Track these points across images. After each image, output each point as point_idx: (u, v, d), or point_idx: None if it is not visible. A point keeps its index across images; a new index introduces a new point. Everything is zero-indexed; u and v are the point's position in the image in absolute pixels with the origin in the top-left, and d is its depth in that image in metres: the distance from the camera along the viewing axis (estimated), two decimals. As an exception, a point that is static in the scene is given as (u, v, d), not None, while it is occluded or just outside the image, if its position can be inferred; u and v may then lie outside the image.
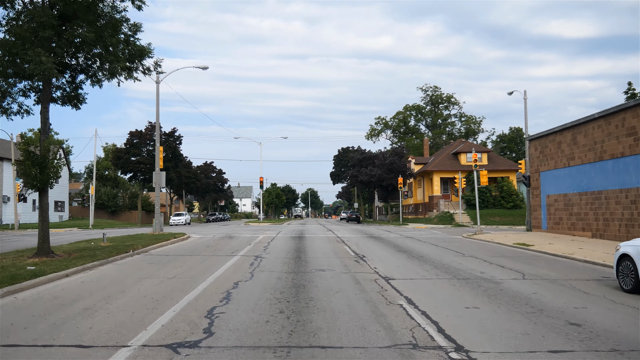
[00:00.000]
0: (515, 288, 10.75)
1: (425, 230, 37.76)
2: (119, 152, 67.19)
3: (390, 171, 55.21)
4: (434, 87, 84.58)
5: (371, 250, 19.33)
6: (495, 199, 54.40)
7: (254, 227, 43.61)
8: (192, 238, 26.29)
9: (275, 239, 25.29)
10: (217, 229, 41.56)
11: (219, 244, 22.51)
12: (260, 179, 52.11)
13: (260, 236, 27.83)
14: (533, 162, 29.19)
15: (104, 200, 76.86)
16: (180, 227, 45.20)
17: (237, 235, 29.59)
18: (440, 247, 21.27)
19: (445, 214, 52.67)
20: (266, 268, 13.83)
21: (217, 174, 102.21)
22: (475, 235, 27.89)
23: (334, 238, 26.61)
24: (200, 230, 36.93)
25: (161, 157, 27.85)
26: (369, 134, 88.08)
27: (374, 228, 42.50)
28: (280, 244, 22.07)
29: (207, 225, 59.49)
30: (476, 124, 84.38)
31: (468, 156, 56.51)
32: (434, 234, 31.23)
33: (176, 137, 70.47)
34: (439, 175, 55.82)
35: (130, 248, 17.84)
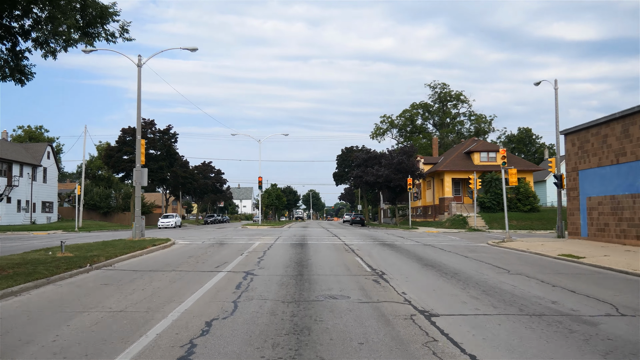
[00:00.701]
0: (628, 335, 7.11)
1: (441, 235, 34.11)
2: (110, 151, 63.70)
3: (398, 171, 51.56)
4: (443, 84, 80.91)
5: (390, 264, 15.68)
6: (511, 201, 50.65)
7: (251, 231, 39.99)
8: (176, 245, 22.66)
9: (273, 247, 21.66)
10: (211, 232, 37.93)
11: (205, 253, 18.89)
12: (259, 178, 48.48)
13: (256, 243, 24.20)
14: (569, 159, 25.52)
15: (96, 201, 73.31)
16: (169, 231, 41.50)
17: (229, 241, 25.97)
18: (471, 259, 17.61)
19: (458, 217, 49.01)
20: (257, 293, 10.21)
21: (215, 174, 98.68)
22: (504, 242, 24.23)
23: (341, 245, 22.98)
24: (190, 235, 33.31)
25: (143, 152, 24.26)
26: (374, 133, 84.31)
27: (383, 233, 38.85)
28: (278, 254, 18.44)
29: (201, 228, 55.85)
30: (486, 123, 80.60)
31: (482, 155, 52.88)
32: (452, 241, 27.58)
33: (171, 134, 66.94)
34: (450, 175, 52.17)
35: (90, 260, 14.23)
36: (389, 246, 22.88)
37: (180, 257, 17.49)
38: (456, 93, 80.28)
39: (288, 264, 15.21)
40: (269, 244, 23.27)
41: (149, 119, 65.36)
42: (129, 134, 64.20)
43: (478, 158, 52.70)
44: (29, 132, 79.71)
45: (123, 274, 13.16)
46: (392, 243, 25.00)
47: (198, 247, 21.86)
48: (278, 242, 25.11)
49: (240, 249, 20.77)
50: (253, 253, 18.83)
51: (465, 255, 18.65)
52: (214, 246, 22.20)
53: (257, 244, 23.18)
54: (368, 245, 23.10)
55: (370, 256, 18.02)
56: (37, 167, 59.89)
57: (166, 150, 65.98)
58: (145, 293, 10.20)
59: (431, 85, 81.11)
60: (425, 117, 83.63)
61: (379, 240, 27.09)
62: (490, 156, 52.75)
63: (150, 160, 65.05)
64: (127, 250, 17.70)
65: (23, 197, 57.04)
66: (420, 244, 24.71)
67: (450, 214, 50.93)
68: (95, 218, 73.20)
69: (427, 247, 22.67)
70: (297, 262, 15.71)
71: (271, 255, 17.91)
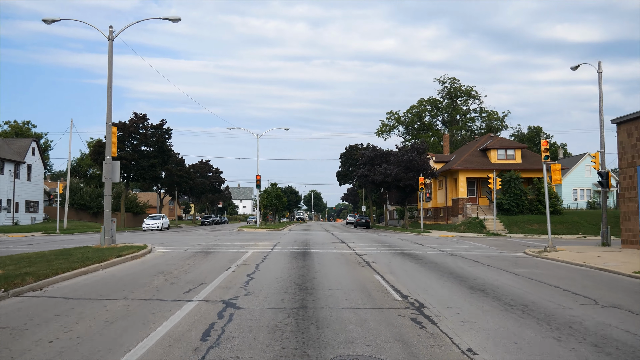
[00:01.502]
0: None
1: (462, 241, 30.04)
2: (99, 147, 59.62)
3: (408, 169, 47.47)
4: (452, 79, 76.56)
5: (423, 286, 11.66)
6: (532, 203, 46.64)
7: (247, 235, 35.95)
8: (150, 255, 18.63)
9: (268, 258, 17.63)
10: (201, 237, 33.88)
11: (182, 267, 14.87)
12: (257, 177, 44.35)
13: (250, 251, 20.17)
14: (624, 152, 21.47)
15: (86, 201, 69.50)
16: (153, 235, 37.31)
17: (218, 248, 21.94)
18: (525, 277, 13.54)
19: (474, 220, 44.93)
20: (232, 352, 6.18)
21: (213, 173, 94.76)
22: (547, 252, 20.18)
23: (352, 256, 18.95)
24: (175, 240, 29.28)
25: (114, 142, 20.19)
26: (380, 130, 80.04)
27: (394, 237, 34.80)
28: (274, 270, 14.41)
29: (194, 230, 51.74)
30: (498, 120, 76.31)
31: (499, 153, 48.76)
32: (480, 249, 23.54)
33: (165, 130, 62.92)
34: (465, 174, 48.07)
35: (13, 282, 10.23)
36: (410, 257, 18.84)
37: (146, 273, 13.47)
38: (467, 88, 76.07)
39: (286, 287, 11.18)
40: (265, 253, 19.25)
41: (140, 114, 61.38)
42: (119, 129, 60.22)
43: (495, 156, 48.56)
44: (16, 127, 75.69)
45: (47, 304, 9.14)
46: (411, 252, 20.95)
47: (176, 257, 17.83)
48: (276, 250, 21.07)
49: (229, 260, 16.76)
50: (242, 267, 14.80)
51: (513, 272, 14.59)
52: (196, 256, 18.16)
53: (250, 254, 19.14)
54: (384, 256, 19.07)
55: (393, 273, 13.98)
56: (20, 163, 55.93)
57: (159, 147, 61.99)
58: (48, 350, 6.17)
59: (440, 79, 76.92)
60: (434, 114, 79.36)
61: (394, 248, 23.04)
62: (508, 154, 48.65)
63: (142, 157, 61.20)
64: (81, 263, 13.68)
65: (4, 196, 53.08)
66: (446, 253, 20.65)
67: (465, 216, 46.86)
68: (85, 218, 69.30)
69: (457, 258, 18.62)
70: (299, 284, 11.69)
71: (265, 272, 13.88)
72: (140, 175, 61.45)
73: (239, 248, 21.99)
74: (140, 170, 60.49)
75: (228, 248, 22.01)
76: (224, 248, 21.98)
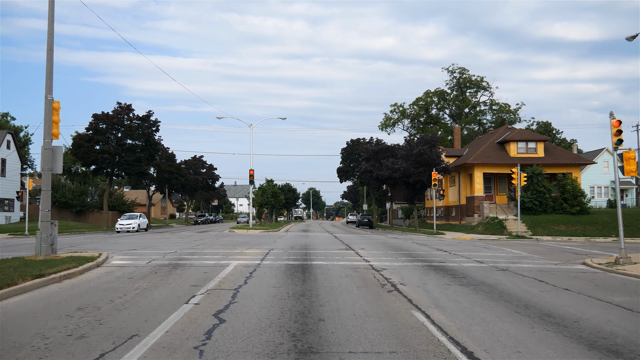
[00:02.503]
0: None
1: (490, 246, 25.31)
2: (80, 139, 54.76)
3: (418, 164, 42.67)
4: (462, 69, 71.57)
5: (501, 337, 6.90)
6: (556, 201, 41.92)
7: (237, 238, 31.18)
8: (97, 271, 13.82)
9: (255, 276, 12.87)
10: (183, 239, 29.08)
11: (125, 294, 10.11)
12: (250, 171, 39.40)
13: (233, 264, 15.41)
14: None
15: (68, 199, 64.55)
16: (127, 237, 32.42)
17: (194, 259, 17.15)
18: (627, 310, 8.81)
19: (492, 220, 40.19)
20: None
21: (207, 169, 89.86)
22: (622, 265, 15.46)
23: (367, 271, 14.20)
24: (146, 245, 24.43)
25: (56, 120, 15.38)
26: (384, 124, 75.08)
27: (407, 240, 30.05)
28: (259, 301, 9.64)
29: (180, 231, 46.83)
30: (509, 112, 71.39)
31: (519, 146, 43.98)
32: (523, 258, 18.82)
33: (152, 122, 58.03)
34: (481, 170, 43.28)
35: None
36: (446, 273, 14.10)
37: (55, 311, 8.70)
38: (476, 79, 71.16)
39: (275, 346, 6.41)
40: (251, 268, 14.49)
41: (125, 104, 56.48)
42: (102, 121, 55.41)
43: (515, 149, 43.75)
44: None
45: None
46: (442, 264, 16.20)
47: (129, 275, 13.05)
48: (267, 262, 16.30)
49: (199, 280, 12.02)
50: (213, 296, 10.05)
51: (616, 304, 9.84)
52: (158, 273, 13.39)
53: (232, 268, 14.38)
54: (411, 271, 14.32)
55: (440, 307, 9.21)
56: (-9, 157, 51.10)
57: (145, 140, 57.12)
58: None
59: (449, 69, 71.85)
60: (442, 106, 74.38)
61: (417, 258, 18.28)
62: (529, 147, 43.86)
63: (126, 151, 56.33)
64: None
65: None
66: (488, 266, 15.91)
67: (482, 216, 42.12)
68: (67, 218, 64.44)
69: (509, 274, 13.88)
70: (296, 336, 6.92)
71: (245, 306, 9.10)
72: (125, 170, 56.59)
73: (220, 258, 17.21)
74: (125, 165, 55.63)
75: (206, 258, 17.23)
76: (201, 258, 17.21)
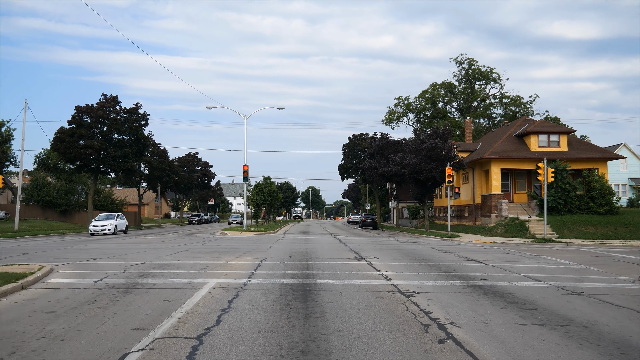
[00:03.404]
0: None
1: (526, 254, 21.36)
2: (62, 134, 50.78)
3: (429, 159, 38.72)
4: (470, 60, 67.48)
5: None
6: (582, 200, 38.04)
7: (226, 242, 27.21)
8: (12, 298, 9.85)
9: (234, 307, 8.92)
10: (164, 244, 25.09)
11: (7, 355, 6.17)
12: (243, 167, 35.40)
13: (209, 284, 11.46)
14: None
15: (53, 197, 60.63)
16: (96, 242, 28.42)
17: (159, 276, 13.18)
18: None
19: (513, 221, 36.27)
20: None
21: (202, 166, 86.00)
22: None
23: (394, 296, 10.28)
24: (113, 253, 20.42)
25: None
26: (388, 118, 71.03)
27: (424, 245, 26.12)
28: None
29: (168, 233, 42.82)
30: (521, 105, 67.26)
31: (540, 139, 40.00)
32: (578, 271, 14.91)
33: (140, 115, 54.07)
34: (499, 165, 39.32)
35: None
36: (501, 298, 10.17)
37: None
38: (486, 70, 67.07)
39: None
40: (233, 290, 10.56)
41: (111, 95, 52.53)
42: (86, 114, 51.45)
43: (536, 142, 39.77)
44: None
45: None
46: (489, 284, 12.27)
47: (54, 307, 9.10)
48: (255, 280, 12.32)
49: (151, 315, 8.09)
50: (160, 352, 6.08)
51: None
52: (97, 301, 9.44)
53: (206, 292, 10.42)
54: (453, 296, 10.39)
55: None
56: (-35, 153, 47.13)
57: (133, 135, 53.15)
58: None
59: (457, 59, 67.78)
60: (449, 99, 70.33)
61: (450, 273, 14.34)
62: (551, 140, 39.90)
63: (112, 146, 52.41)
64: None
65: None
66: (549, 285, 11.96)
67: (500, 216, 38.19)
68: (52, 217, 60.58)
69: (591, 302, 9.95)
70: None
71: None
72: (111, 167, 52.62)
73: (195, 274, 13.24)
74: (110, 162, 51.67)
75: (178, 274, 13.27)
76: (172, 274, 13.24)
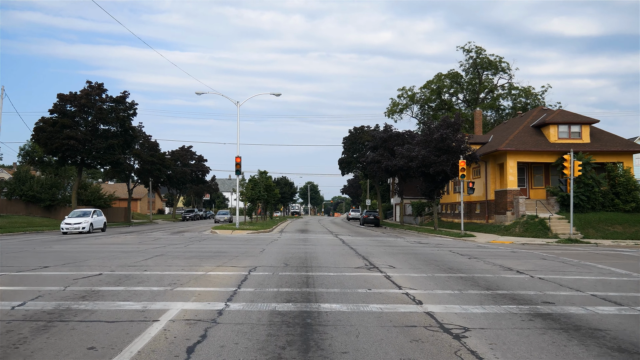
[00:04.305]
0: None
1: (568, 260, 18.07)
2: (43, 123, 47.36)
3: (440, 151, 35.41)
4: (479, 48, 64.00)
5: None
6: (606, 196, 34.81)
7: (213, 244, 23.86)
8: None
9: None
10: (138, 248, 21.74)
11: None
12: (236, 159, 32.00)
13: (169, 313, 8.13)
14: None
15: (36, 192, 57.15)
16: (69, 243, 24.98)
17: (109, 296, 9.83)
18: None
19: (532, 219, 33.01)
20: None
21: (196, 160, 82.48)
22: None
23: (434, 332, 6.95)
24: (72, 260, 17.03)
25: None
26: (390, 110, 67.64)
27: (444, 250, 22.84)
28: None
29: (154, 231, 39.42)
30: (531, 96, 63.84)
31: (560, 130, 36.69)
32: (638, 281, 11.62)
33: (128, 104, 50.61)
34: (515, 158, 36.01)
35: None
36: (597, 342, 6.85)
37: None
38: (495, 60, 63.62)
39: None
40: (201, 327, 7.25)
41: (96, 83, 49.06)
42: (69, 102, 47.96)
43: (555, 133, 36.45)
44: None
45: None
46: (562, 313, 8.96)
47: None
48: (236, 305, 8.97)
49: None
50: None
51: None
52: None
53: (159, 330, 7.09)
54: (525, 339, 7.07)
55: None
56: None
57: (120, 125, 49.74)
58: None
59: (465, 47, 64.17)
60: (455, 91, 66.90)
61: (497, 292, 11.03)
62: (572, 131, 36.59)
63: (97, 137, 48.97)
64: None
65: None
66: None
67: (516, 213, 34.92)
68: (36, 213, 57.18)
69: None
70: None
71: None
72: (95, 159, 49.20)
73: (155, 294, 9.90)
74: (95, 154, 48.25)
75: (133, 294, 9.94)
76: (123, 296, 9.90)
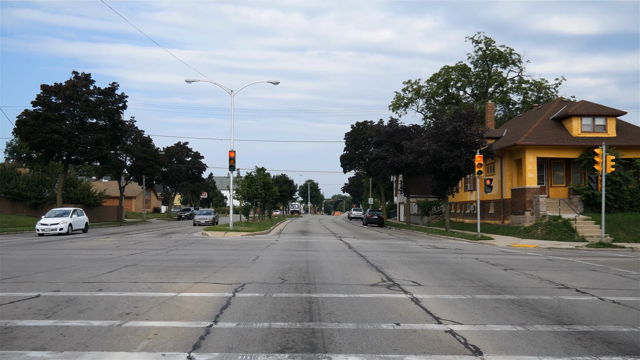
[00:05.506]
0: None
1: (622, 273, 15.07)
2: (26, 116, 44.34)
3: (452, 145, 32.43)
4: (488, 39, 60.94)
5: None
6: (635, 195, 31.85)
7: (199, 250, 20.81)
8: None
9: None
10: (112, 254, 18.67)
11: None
12: (230, 153, 29.02)
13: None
14: None
15: (22, 190, 54.13)
16: (37, 246, 21.85)
17: (29, 336, 6.84)
18: None
19: (554, 220, 30.03)
20: None
21: (192, 157, 79.60)
22: None
23: None
24: (22, 271, 14.00)
25: None
26: (395, 104, 64.64)
27: (469, 257, 19.85)
28: None
29: (141, 231, 36.35)
30: (543, 89, 60.79)
31: (583, 123, 33.68)
32: None
33: (117, 97, 47.55)
34: (534, 153, 33.01)
35: None
36: None
37: None
38: (505, 51, 60.52)
39: None
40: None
41: (83, 73, 46.02)
42: (54, 93, 44.92)
43: (578, 126, 33.47)
44: None
45: None
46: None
47: None
48: (204, 358, 6.00)
49: None
50: None
51: None
52: None
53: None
54: None
55: None
56: None
57: (109, 119, 46.74)
58: None
59: (474, 38, 61.02)
60: (463, 84, 63.87)
61: (581, 331, 8.03)
62: (597, 124, 33.60)
63: (84, 131, 45.94)
64: None
65: None
66: None
67: (536, 214, 31.96)
68: (21, 212, 54.19)
69: None
70: None
71: None
72: (82, 154, 46.16)
73: (85, 345, 6.89)
74: (81, 148, 45.22)
75: (50, 344, 6.94)
76: (39, 343, 6.91)
